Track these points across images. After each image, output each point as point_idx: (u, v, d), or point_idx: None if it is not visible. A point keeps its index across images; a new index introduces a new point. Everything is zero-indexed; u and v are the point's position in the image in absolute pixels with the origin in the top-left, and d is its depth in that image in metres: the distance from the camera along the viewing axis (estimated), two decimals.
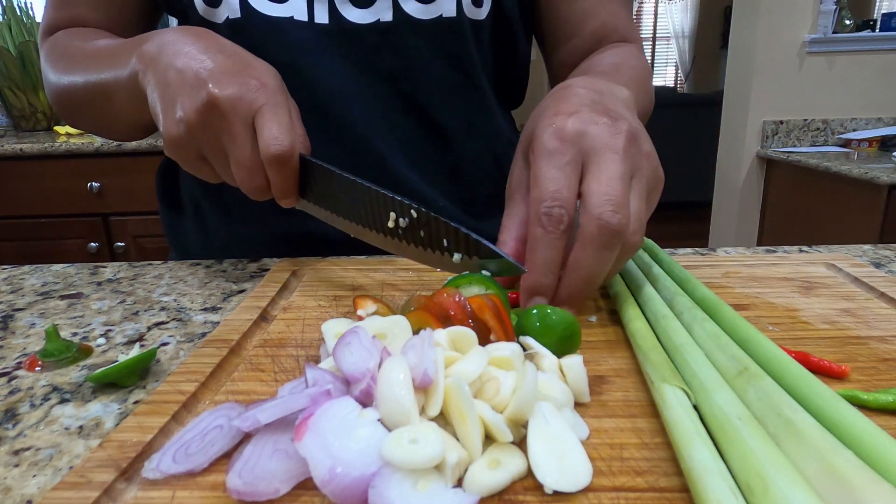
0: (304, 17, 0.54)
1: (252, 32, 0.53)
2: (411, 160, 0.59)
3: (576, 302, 0.37)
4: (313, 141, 0.44)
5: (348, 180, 0.42)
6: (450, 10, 0.55)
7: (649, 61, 6.56)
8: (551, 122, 0.38)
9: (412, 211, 0.40)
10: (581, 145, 0.37)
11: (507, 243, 0.40)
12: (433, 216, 0.39)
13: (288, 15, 0.53)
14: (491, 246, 0.38)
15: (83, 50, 0.54)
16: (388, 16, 0.54)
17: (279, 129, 0.40)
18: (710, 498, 0.20)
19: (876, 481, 0.19)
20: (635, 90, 0.50)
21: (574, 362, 0.29)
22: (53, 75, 0.57)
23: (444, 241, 0.39)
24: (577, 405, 0.29)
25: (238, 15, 0.53)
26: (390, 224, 0.41)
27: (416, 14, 0.55)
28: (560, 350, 0.32)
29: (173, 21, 0.60)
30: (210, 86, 0.39)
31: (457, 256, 0.39)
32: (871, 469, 0.20)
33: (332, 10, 0.54)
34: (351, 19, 0.54)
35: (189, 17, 0.56)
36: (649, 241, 0.48)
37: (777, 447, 0.21)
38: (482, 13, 0.58)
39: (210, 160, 0.43)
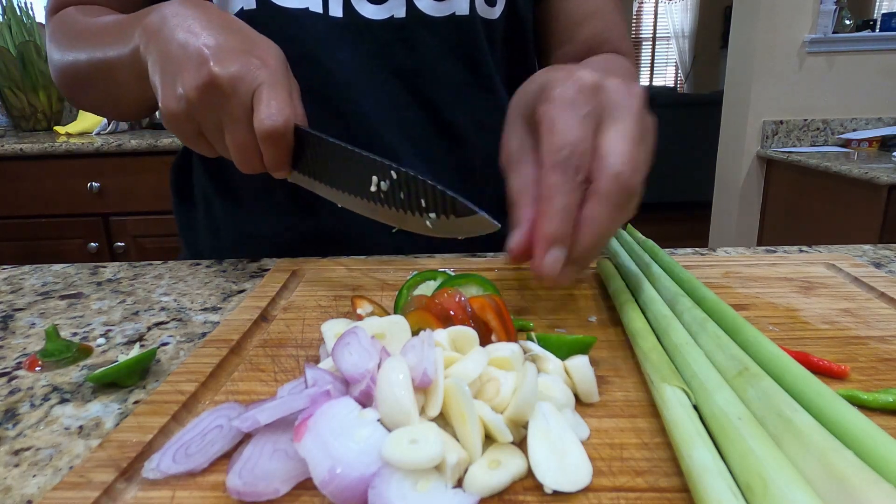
0: (319, 10, 0.54)
1: (267, 23, 0.53)
2: (422, 156, 0.59)
3: (586, 260, 0.36)
4: (324, 132, 0.44)
5: (335, 145, 0.42)
6: (462, 9, 0.56)
7: (649, 61, 6.56)
8: (568, 76, 0.37)
9: (392, 172, 0.40)
10: (600, 99, 0.36)
11: (525, 207, 0.38)
12: (412, 175, 0.39)
13: (303, 6, 0.54)
14: (467, 203, 0.38)
15: (88, 26, 0.54)
16: (401, 12, 0.55)
17: (275, 106, 0.39)
18: (710, 498, 0.20)
19: (876, 481, 0.19)
20: None
21: (580, 363, 0.29)
22: (57, 53, 0.57)
23: (422, 201, 0.39)
24: (578, 405, 0.29)
25: (253, 6, 0.54)
26: (372, 188, 0.41)
27: (428, 11, 0.55)
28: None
29: None
30: (212, 64, 0.39)
31: (432, 217, 0.39)
32: (871, 469, 0.20)
33: (347, 5, 0.54)
34: (365, 14, 0.55)
35: None
36: (649, 242, 0.48)
37: (777, 447, 0.21)
38: (495, 13, 0.58)
39: (207, 136, 0.43)
